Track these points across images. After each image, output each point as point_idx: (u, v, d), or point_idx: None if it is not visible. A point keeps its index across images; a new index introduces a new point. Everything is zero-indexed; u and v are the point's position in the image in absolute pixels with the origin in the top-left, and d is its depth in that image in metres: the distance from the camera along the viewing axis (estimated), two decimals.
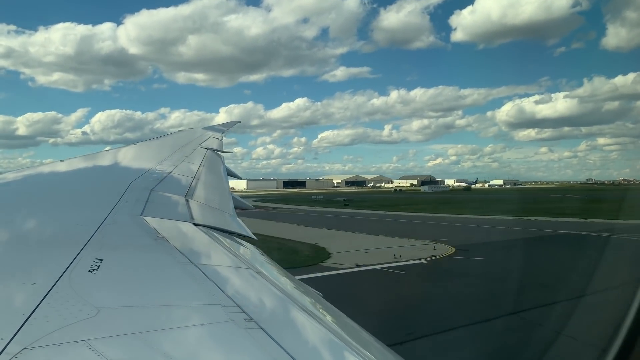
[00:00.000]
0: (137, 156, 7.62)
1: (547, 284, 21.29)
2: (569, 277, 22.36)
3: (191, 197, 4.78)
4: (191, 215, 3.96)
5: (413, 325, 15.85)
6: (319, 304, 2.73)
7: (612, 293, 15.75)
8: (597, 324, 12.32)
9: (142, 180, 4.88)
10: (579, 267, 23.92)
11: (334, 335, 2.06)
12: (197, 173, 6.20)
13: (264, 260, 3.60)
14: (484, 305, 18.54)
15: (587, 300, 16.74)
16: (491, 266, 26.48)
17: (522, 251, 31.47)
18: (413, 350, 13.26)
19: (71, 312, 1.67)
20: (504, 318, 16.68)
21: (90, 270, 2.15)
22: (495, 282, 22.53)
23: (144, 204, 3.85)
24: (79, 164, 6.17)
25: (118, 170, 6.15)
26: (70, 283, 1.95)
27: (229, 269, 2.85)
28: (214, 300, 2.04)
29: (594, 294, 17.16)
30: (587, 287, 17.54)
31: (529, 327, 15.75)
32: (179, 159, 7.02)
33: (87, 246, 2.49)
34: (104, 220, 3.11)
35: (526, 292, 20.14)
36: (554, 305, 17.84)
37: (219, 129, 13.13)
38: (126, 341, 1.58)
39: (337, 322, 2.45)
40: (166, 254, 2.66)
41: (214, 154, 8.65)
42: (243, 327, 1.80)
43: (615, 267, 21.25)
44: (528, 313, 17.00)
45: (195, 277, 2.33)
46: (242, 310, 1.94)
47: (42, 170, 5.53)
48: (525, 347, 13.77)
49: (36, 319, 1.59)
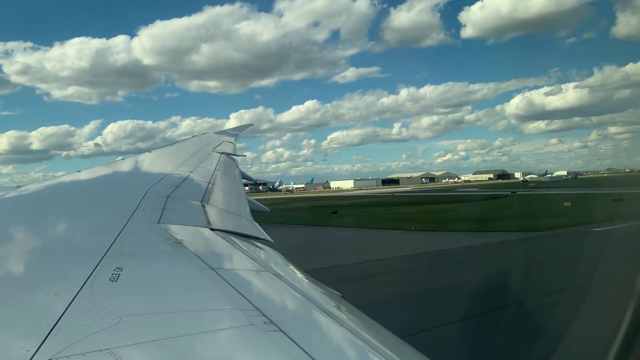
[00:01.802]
0: (153, 163, 7.70)
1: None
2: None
3: (207, 202, 4.81)
4: (208, 221, 3.99)
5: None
6: (339, 304, 2.72)
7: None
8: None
9: (159, 187, 4.94)
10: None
11: (354, 336, 2.05)
12: (212, 178, 6.25)
13: (282, 263, 3.60)
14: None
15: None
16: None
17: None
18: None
19: (94, 322, 1.69)
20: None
21: (111, 279, 2.18)
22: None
23: (161, 210, 3.88)
24: (96, 174, 6.26)
25: (134, 178, 6.23)
26: (92, 292, 1.98)
27: (247, 273, 2.86)
28: (233, 305, 2.04)
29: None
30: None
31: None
32: (193, 164, 7.08)
33: (106, 255, 2.52)
34: (123, 229, 3.15)
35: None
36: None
37: (231, 133, 13.18)
38: (149, 348, 1.60)
39: (357, 322, 2.44)
40: (185, 260, 2.68)
41: (228, 158, 8.70)
42: (263, 330, 1.80)
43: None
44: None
45: (214, 282, 2.34)
46: (262, 314, 1.95)
47: (60, 181, 5.63)
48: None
49: (60, 329, 1.62)
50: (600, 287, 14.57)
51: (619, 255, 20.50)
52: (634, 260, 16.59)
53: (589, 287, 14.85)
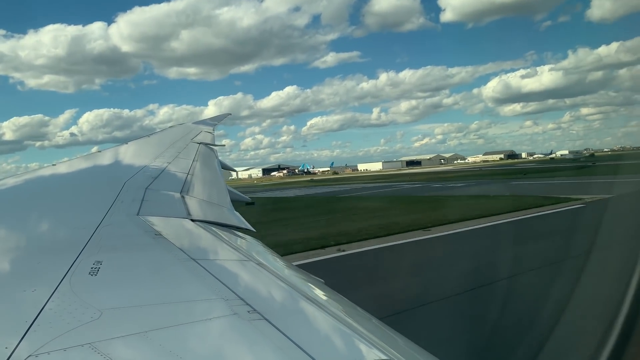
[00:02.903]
0: (130, 155, 7.57)
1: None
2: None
3: (187, 193, 4.76)
4: (188, 211, 3.95)
5: None
6: (322, 291, 2.74)
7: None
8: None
9: (137, 178, 4.86)
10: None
11: (337, 321, 2.07)
12: (191, 168, 6.18)
13: (264, 252, 3.60)
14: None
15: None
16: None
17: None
18: None
19: (74, 316, 1.67)
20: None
21: (90, 273, 2.15)
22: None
23: (139, 202, 3.83)
24: (71, 167, 6.13)
25: (111, 170, 6.12)
26: (71, 287, 1.95)
27: (229, 263, 2.85)
28: (216, 295, 2.04)
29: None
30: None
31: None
32: (172, 155, 6.98)
33: (85, 249, 2.48)
34: (101, 222, 3.10)
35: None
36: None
37: (210, 122, 13.05)
38: (131, 341, 1.58)
39: (340, 308, 2.46)
40: (166, 252, 2.65)
41: (207, 148, 8.62)
42: (247, 319, 1.80)
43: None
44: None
45: (196, 273, 2.33)
46: (245, 303, 1.95)
47: (35, 174, 5.49)
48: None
49: (39, 325, 1.59)
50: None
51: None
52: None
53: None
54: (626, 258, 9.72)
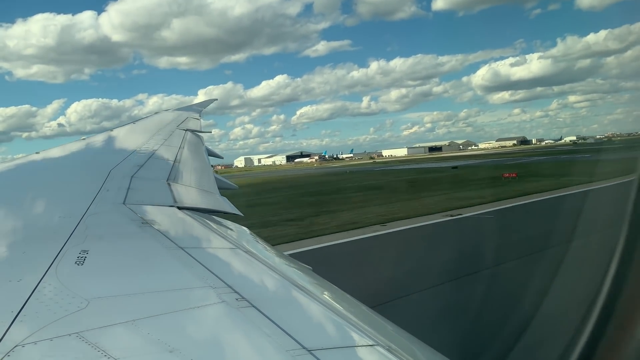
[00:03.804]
0: (115, 142, 7.46)
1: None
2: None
3: (173, 181, 4.72)
4: (175, 199, 3.93)
5: None
6: (310, 277, 2.77)
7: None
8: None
9: (122, 167, 4.81)
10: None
11: (325, 308, 2.09)
12: (177, 155, 6.12)
13: (251, 239, 3.61)
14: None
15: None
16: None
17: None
18: None
19: (61, 306, 1.66)
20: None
21: (76, 263, 2.13)
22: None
23: (125, 191, 3.79)
24: (55, 155, 6.03)
25: (96, 159, 6.03)
26: (58, 277, 1.94)
27: (217, 250, 2.86)
28: (204, 283, 2.04)
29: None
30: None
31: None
32: (157, 142, 6.90)
33: (71, 238, 2.46)
34: (87, 211, 3.07)
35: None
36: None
37: (196, 108, 12.86)
38: (119, 330, 1.59)
39: (328, 294, 2.49)
40: (152, 241, 2.64)
41: (193, 135, 8.53)
42: (235, 306, 1.81)
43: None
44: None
45: (183, 261, 2.33)
46: (233, 290, 1.96)
47: (19, 163, 5.39)
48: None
49: (26, 315, 1.58)
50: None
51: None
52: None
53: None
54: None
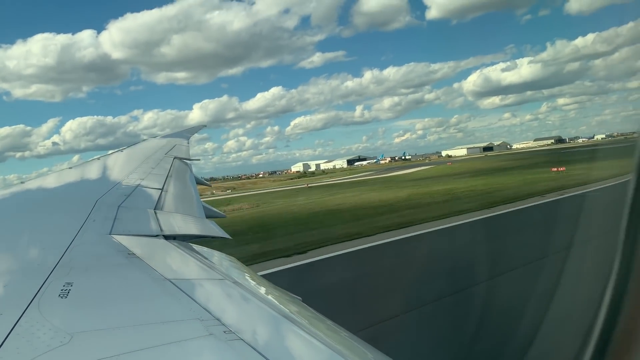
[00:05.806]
0: (102, 171, 7.42)
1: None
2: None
3: (161, 209, 4.69)
4: (162, 229, 3.90)
5: None
6: (299, 308, 2.74)
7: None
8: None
9: (109, 196, 4.77)
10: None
11: (315, 339, 2.07)
12: (164, 184, 6.10)
13: (239, 269, 3.57)
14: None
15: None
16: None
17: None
18: None
19: (43, 341, 1.62)
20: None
21: (60, 296, 2.09)
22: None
23: (112, 221, 3.76)
24: (41, 185, 5.97)
25: (82, 188, 5.98)
26: (40, 311, 1.89)
27: (204, 282, 2.82)
28: (191, 315, 2.01)
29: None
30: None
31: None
32: (145, 170, 6.87)
33: (55, 271, 2.42)
34: (72, 242, 3.02)
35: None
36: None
37: (184, 135, 12.93)
38: None
39: (318, 325, 2.46)
40: (139, 272, 2.61)
41: (181, 162, 8.52)
42: (223, 339, 1.78)
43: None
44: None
45: (170, 293, 2.29)
46: (221, 323, 1.93)
47: (2, 193, 5.32)
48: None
49: (6, 351, 1.54)
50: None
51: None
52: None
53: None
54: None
